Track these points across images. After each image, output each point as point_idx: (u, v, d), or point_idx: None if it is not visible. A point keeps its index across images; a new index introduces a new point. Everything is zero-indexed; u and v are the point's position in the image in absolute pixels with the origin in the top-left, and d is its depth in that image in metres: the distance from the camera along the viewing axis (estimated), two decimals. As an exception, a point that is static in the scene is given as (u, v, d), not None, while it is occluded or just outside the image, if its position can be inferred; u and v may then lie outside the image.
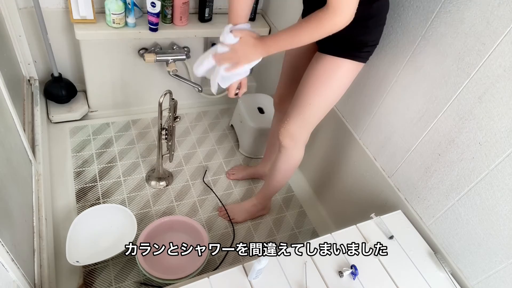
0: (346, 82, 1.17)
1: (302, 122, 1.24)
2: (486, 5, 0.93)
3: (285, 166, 1.40)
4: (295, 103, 1.23)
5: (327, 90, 1.16)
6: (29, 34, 1.67)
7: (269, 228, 1.68)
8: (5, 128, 1.17)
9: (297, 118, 1.24)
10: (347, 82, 1.17)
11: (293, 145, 1.31)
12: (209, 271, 1.46)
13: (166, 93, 1.38)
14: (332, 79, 1.15)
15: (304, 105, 1.20)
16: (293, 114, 1.25)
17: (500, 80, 0.93)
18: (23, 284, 1.01)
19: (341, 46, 1.10)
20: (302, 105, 1.21)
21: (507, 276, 0.99)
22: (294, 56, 1.33)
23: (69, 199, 1.57)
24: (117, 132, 1.92)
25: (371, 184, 1.43)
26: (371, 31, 1.10)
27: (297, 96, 1.23)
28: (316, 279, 1.02)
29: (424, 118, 1.17)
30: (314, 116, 1.23)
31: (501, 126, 0.95)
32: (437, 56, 1.09)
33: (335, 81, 1.15)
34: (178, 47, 1.84)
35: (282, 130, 1.30)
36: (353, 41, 1.09)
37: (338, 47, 1.11)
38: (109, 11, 1.58)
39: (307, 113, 1.22)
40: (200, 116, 2.15)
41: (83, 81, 1.84)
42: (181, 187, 1.75)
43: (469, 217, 1.07)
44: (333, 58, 1.12)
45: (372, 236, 1.15)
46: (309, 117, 1.23)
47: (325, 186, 1.75)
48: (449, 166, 1.11)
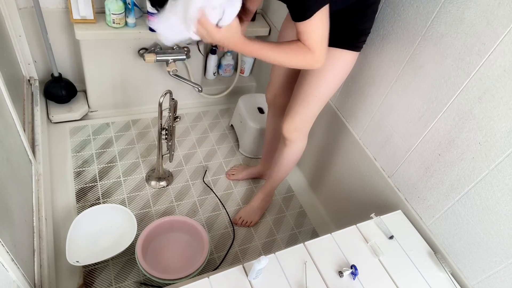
0: (346, 71, 1.20)
1: (307, 114, 1.29)
2: (486, 5, 0.93)
3: (292, 157, 1.45)
4: (298, 97, 1.25)
5: (329, 80, 1.19)
6: (29, 34, 1.67)
7: (269, 228, 1.68)
8: (5, 128, 1.17)
9: (301, 111, 1.27)
10: (347, 72, 1.21)
11: (299, 137, 1.37)
12: (209, 271, 1.46)
13: (166, 93, 1.38)
14: (334, 70, 1.18)
15: (308, 97, 1.23)
16: (297, 107, 1.27)
17: (500, 80, 0.93)
18: (23, 284, 1.01)
19: (339, 36, 1.12)
20: (306, 97, 1.23)
21: (507, 276, 0.99)
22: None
23: (69, 199, 1.57)
24: (117, 132, 1.92)
25: (371, 184, 1.43)
26: (370, 19, 1.14)
27: (299, 89, 1.25)
28: (316, 279, 1.02)
29: (424, 118, 1.17)
30: (318, 106, 1.27)
31: (501, 126, 0.95)
32: (437, 56, 1.09)
33: (336, 71, 1.18)
34: (178, 47, 1.84)
35: (288, 126, 1.33)
36: (353, 31, 1.12)
37: (336, 37, 1.12)
38: (109, 11, 1.58)
39: (311, 104, 1.25)
40: (200, 116, 2.15)
41: (83, 81, 1.84)
42: (181, 187, 1.75)
43: (469, 217, 1.07)
44: (332, 49, 1.14)
45: (372, 236, 1.15)
46: (313, 108, 1.27)
47: (325, 186, 1.75)
48: (449, 166, 1.11)
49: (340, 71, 1.19)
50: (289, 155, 1.44)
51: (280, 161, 1.48)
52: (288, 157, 1.44)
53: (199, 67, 2.03)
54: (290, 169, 1.52)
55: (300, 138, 1.38)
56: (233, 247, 1.58)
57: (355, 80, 1.43)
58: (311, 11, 0.88)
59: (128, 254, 1.44)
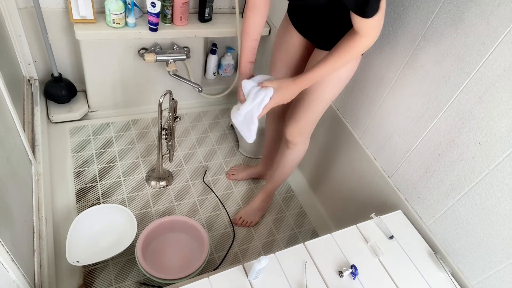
0: (351, 74, 1.20)
1: (311, 118, 1.29)
2: (486, 5, 0.93)
3: (294, 160, 1.46)
4: (303, 101, 1.25)
5: (335, 85, 1.20)
6: (29, 34, 1.67)
7: (269, 228, 1.68)
8: (5, 128, 1.17)
9: (306, 115, 1.28)
10: (351, 75, 1.21)
11: (302, 140, 1.39)
12: (209, 271, 1.46)
13: (166, 93, 1.38)
14: (339, 74, 1.18)
15: (313, 102, 1.24)
16: (302, 112, 1.28)
17: (500, 80, 0.93)
18: (23, 284, 1.01)
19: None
20: (311, 102, 1.24)
21: (507, 276, 0.99)
22: (288, 56, 1.32)
23: (69, 199, 1.57)
24: (117, 132, 1.92)
25: (371, 184, 1.43)
26: None
27: (304, 94, 1.24)
28: (316, 279, 1.02)
29: (424, 118, 1.17)
30: (322, 110, 1.28)
31: (501, 126, 0.95)
32: (437, 56, 1.09)
33: (342, 75, 1.18)
34: (178, 47, 1.84)
35: (291, 130, 1.34)
36: None
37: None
38: (109, 11, 1.58)
39: (316, 109, 1.26)
40: (200, 116, 2.15)
41: (83, 81, 1.84)
42: (181, 187, 1.75)
43: (469, 217, 1.07)
44: None
45: (372, 236, 1.15)
46: (318, 112, 1.28)
47: (325, 186, 1.75)
48: (449, 166, 1.11)
49: (345, 75, 1.19)
50: (291, 158, 1.45)
51: (282, 163, 1.48)
52: (290, 160, 1.46)
53: (199, 67, 2.03)
54: (291, 171, 1.53)
55: (303, 141, 1.39)
56: (233, 247, 1.58)
57: (355, 80, 1.43)
58: (377, 3, 0.86)
59: (128, 254, 1.44)
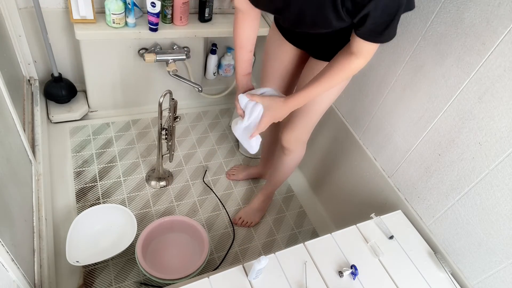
0: (346, 82, 1.20)
1: (308, 125, 1.30)
2: (486, 5, 0.93)
3: (291, 164, 1.46)
4: (300, 110, 1.22)
5: (331, 94, 1.19)
6: (29, 34, 1.67)
7: (269, 228, 1.68)
8: (5, 128, 1.17)
9: (302, 123, 1.28)
10: (347, 82, 1.20)
11: (299, 147, 1.38)
12: (209, 271, 1.46)
13: (166, 93, 1.38)
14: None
15: (311, 111, 1.24)
16: (298, 119, 1.28)
17: (500, 80, 0.93)
18: (23, 284, 1.01)
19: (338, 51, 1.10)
20: (308, 111, 1.24)
21: (507, 276, 0.99)
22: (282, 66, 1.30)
23: (69, 199, 1.57)
24: (117, 132, 1.92)
25: (371, 184, 1.43)
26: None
27: None
28: (316, 279, 1.02)
29: (424, 118, 1.17)
30: (318, 118, 1.28)
31: (501, 126, 0.95)
32: (437, 56, 1.09)
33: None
34: (178, 47, 1.84)
35: (287, 137, 1.34)
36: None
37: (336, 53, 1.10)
38: (109, 11, 1.58)
39: (313, 117, 1.26)
40: (200, 116, 2.15)
41: (83, 81, 1.84)
42: (181, 187, 1.75)
43: (469, 217, 1.07)
44: None
45: (372, 236, 1.15)
46: (314, 119, 1.28)
47: (325, 186, 1.75)
48: (449, 166, 1.11)
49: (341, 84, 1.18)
50: (288, 163, 1.46)
51: (279, 168, 1.49)
52: (287, 165, 1.46)
53: (199, 67, 2.03)
54: (289, 174, 1.54)
55: (299, 148, 1.39)
56: (233, 247, 1.58)
57: (355, 80, 1.43)
58: (395, 29, 0.86)
59: (128, 254, 1.44)
